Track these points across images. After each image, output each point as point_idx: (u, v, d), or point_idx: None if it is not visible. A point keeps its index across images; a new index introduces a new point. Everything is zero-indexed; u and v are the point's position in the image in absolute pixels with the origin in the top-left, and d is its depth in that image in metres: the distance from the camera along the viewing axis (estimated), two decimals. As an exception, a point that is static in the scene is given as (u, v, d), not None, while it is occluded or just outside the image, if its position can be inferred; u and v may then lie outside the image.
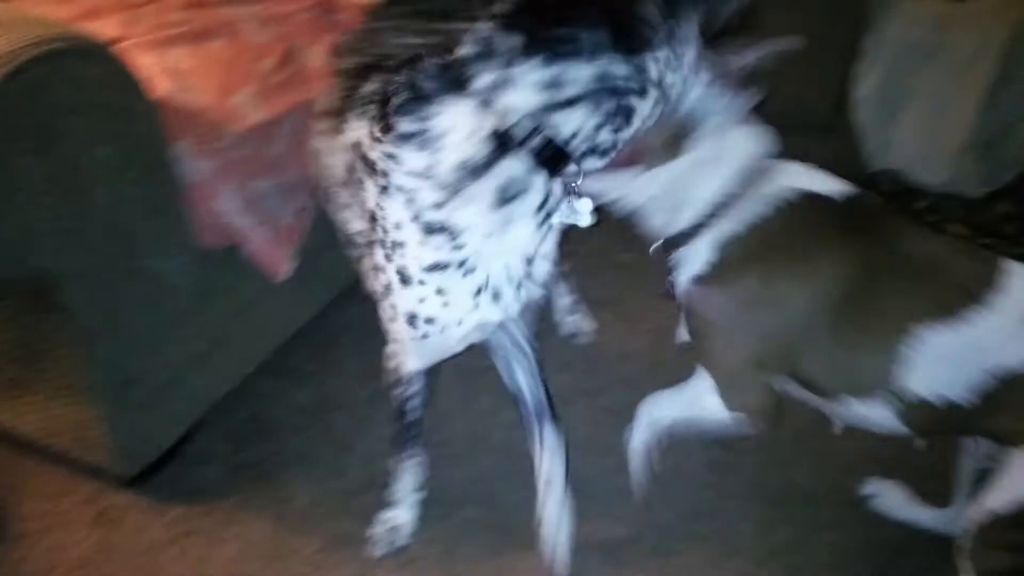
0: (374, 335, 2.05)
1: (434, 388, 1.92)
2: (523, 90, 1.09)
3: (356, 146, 1.23)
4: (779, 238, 1.33)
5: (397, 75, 1.16)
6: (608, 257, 2.29)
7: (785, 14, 1.82)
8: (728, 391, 1.41)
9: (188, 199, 1.56)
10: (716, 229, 1.36)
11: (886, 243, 1.30)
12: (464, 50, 1.11)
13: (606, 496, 1.73)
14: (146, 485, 1.69)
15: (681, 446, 1.84)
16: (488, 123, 1.11)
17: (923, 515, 1.63)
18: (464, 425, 1.86)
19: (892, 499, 1.68)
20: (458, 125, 1.12)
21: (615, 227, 1.52)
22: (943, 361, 1.23)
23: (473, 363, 1.97)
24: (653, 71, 1.15)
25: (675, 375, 1.97)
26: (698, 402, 1.46)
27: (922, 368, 1.24)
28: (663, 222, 1.43)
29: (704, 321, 1.43)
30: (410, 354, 1.47)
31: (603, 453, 1.81)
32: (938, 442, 1.49)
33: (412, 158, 1.14)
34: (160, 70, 1.62)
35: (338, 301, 2.05)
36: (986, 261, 1.27)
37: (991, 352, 1.21)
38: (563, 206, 1.26)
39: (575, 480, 1.75)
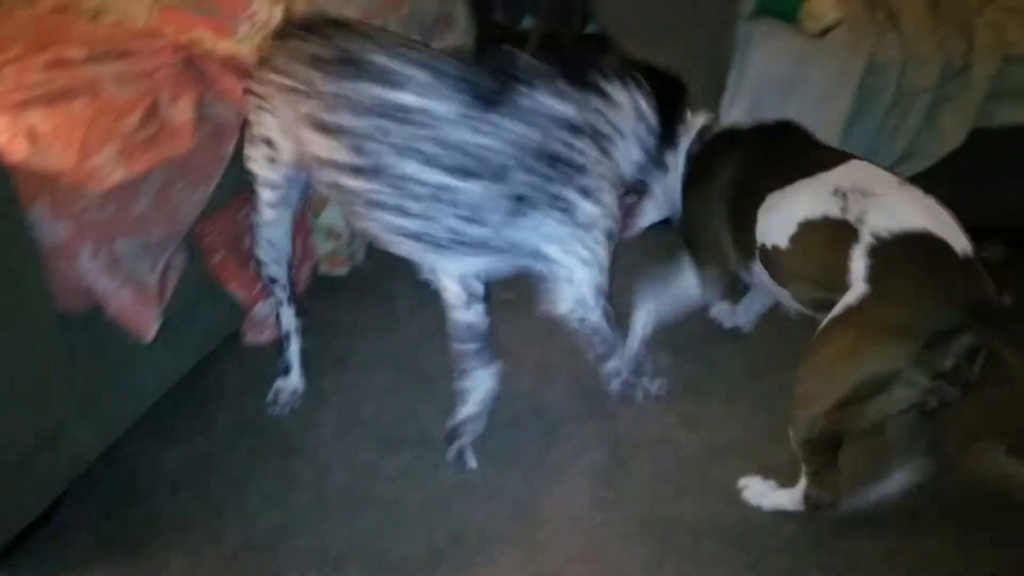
0: (249, 390, 2.03)
1: (314, 442, 1.89)
2: None
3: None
4: (708, 159, 1.88)
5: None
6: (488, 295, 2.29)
7: (652, 55, 1.87)
8: (700, 266, 1.91)
9: (47, 263, 1.52)
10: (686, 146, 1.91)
11: (769, 147, 1.81)
12: None
13: (492, 543, 1.71)
14: (5, 563, 1.60)
15: (568, 485, 1.85)
16: None
17: (787, 497, 1.69)
18: (345, 479, 1.83)
19: (759, 487, 1.75)
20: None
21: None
22: (777, 216, 1.65)
23: (353, 413, 1.96)
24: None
25: (558, 415, 1.99)
26: (681, 285, 1.94)
27: (768, 223, 1.66)
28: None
29: (686, 218, 1.95)
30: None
31: (488, 498, 1.79)
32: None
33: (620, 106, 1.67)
34: (17, 133, 1.58)
35: (211, 357, 2.01)
36: (839, 154, 1.70)
37: (799, 209, 1.61)
38: None
39: (458, 527, 1.73)
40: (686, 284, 1.93)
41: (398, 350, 2.13)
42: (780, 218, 1.64)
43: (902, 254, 1.46)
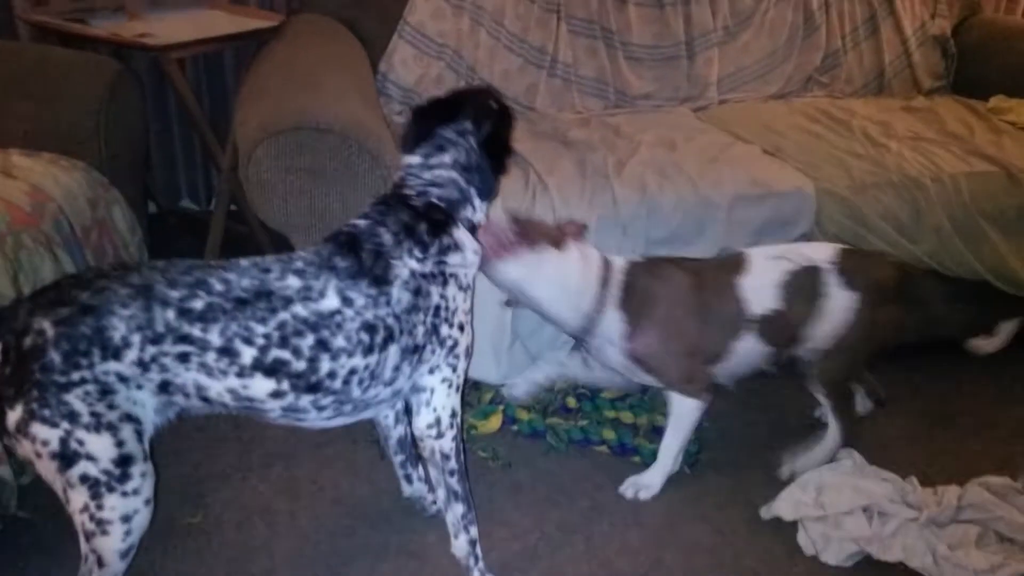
0: None
1: None
2: None
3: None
4: (641, 286, 2.06)
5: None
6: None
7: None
8: (686, 389, 2.11)
9: None
10: (611, 302, 2.03)
11: (695, 266, 2.14)
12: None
13: None
14: None
15: None
16: None
17: (829, 443, 2.22)
18: None
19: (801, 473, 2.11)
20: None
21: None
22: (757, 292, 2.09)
23: None
24: None
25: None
26: (680, 417, 2.14)
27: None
28: (570, 311, 2.04)
29: (647, 359, 2.08)
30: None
31: None
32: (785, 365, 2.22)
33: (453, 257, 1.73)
34: None
35: None
36: (735, 258, 2.15)
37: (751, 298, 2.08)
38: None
39: None
40: (686, 408, 2.12)
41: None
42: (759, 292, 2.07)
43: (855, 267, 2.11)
